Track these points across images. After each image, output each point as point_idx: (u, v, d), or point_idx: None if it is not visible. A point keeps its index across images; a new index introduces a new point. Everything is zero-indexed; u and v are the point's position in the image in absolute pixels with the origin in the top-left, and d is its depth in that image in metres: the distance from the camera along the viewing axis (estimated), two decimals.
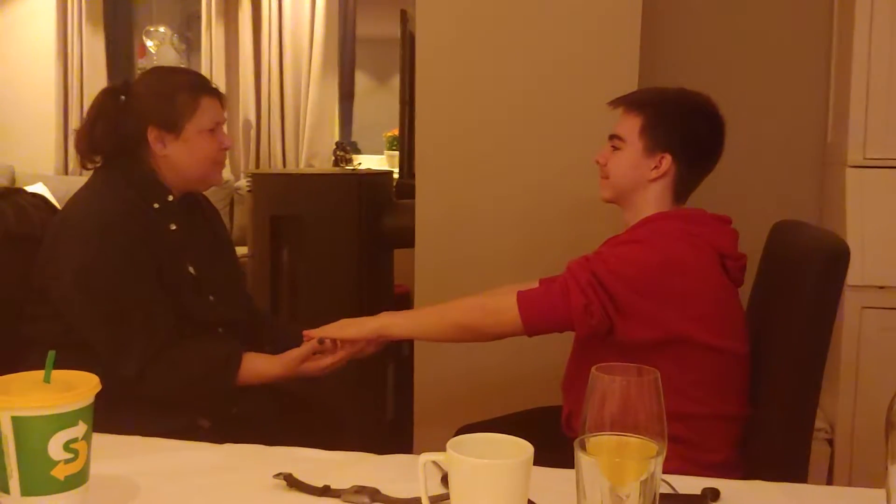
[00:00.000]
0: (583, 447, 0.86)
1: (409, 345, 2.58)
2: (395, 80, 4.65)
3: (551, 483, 1.06)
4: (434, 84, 2.45)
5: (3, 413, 0.95)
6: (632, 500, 0.84)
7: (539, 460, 0.95)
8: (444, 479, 1.08)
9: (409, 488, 1.08)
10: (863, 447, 2.54)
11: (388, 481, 1.13)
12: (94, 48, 5.83)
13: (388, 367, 3.20)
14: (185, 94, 1.78)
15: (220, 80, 5.51)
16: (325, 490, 1.11)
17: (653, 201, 1.70)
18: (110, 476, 1.15)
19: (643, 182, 1.70)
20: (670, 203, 1.71)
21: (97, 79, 5.71)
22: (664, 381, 0.88)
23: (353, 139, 5.93)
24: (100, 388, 1.02)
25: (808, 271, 1.54)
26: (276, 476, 1.14)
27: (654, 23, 2.64)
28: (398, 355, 3.11)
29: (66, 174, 5.78)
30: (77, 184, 1.86)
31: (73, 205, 1.78)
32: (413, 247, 2.52)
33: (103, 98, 1.81)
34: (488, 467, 0.92)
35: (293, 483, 1.13)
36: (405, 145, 3.61)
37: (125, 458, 1.23)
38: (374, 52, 5.90)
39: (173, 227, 1.81)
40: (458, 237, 2.48)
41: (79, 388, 1.00)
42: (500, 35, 2.41)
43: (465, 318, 1.72)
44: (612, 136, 1.73)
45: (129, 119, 1.77)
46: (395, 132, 5.02)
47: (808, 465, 1.59)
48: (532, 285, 1.71)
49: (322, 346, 1.79)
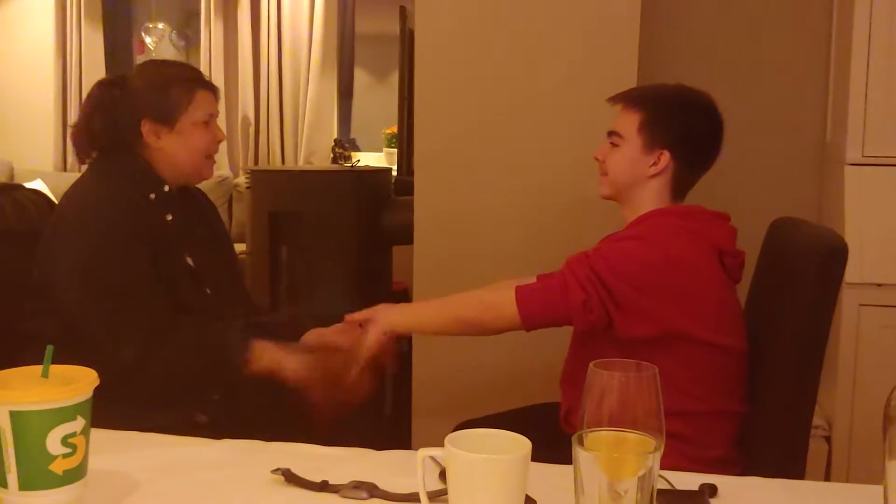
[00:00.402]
0: (581, 443, 0.86)
1: (408, 341, 2.58)
2: (394, 76, 4.65)
3: (549, 479, 1.06)
4: (433, 81, 2.45)
5: (2, 408, 0.95)
6: (630, 495, 0.84)
7: (537, 456, 0.96)
8: (443, 475, 1.08)
9: (407, 483, 1.08)
10: (860, 444, 2.55)
11: (386, 476, 1.13)
12: (92, 45, 5.82)
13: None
14: (179, 87, 1.79)
15: (218, 76, 5.51)
16: (323, 485, 1.11)
17: (651, 198, 1.70)
18: (108, 471, 1.15)
19: (642, 179, 1.70)
20: (669, 200, 1.71)
21: (96, 75, 5.68)
22: (662, 378, 0.88)
23: (351, 136, 5.93)
24: (98, 382, 1.02)
25: (806, 269, 1.54)
26: (274, 471, 1.14)
27: (654, 20, 2.64)
28: (397, 351, 3.11)
29: (65, 170, 5.79)
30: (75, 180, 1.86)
31: (70, 198, 1.78)
32: (412, 243, 2.52)
33: (99, 91, 1.81)
34: (486, 463, 0.92)
35: (291, 478, 1.13)
36: (404, 142, 3.61)
37: (123, 452, 1.23)
38: (373, 49, 5.91)
39: (169, 218, 1.81)
40: (457, 234, 2.47)
41: (77, 382, 0.99)
42: (499, 32, 2.40)
43: (463, 312, 1.72)
44: (611, 133, 1.73)
45: (124, 112, 1.78)
46: (394, 129, 5.02)
47: (806, 461, 1.59)
48: (530, 280, 1.71)
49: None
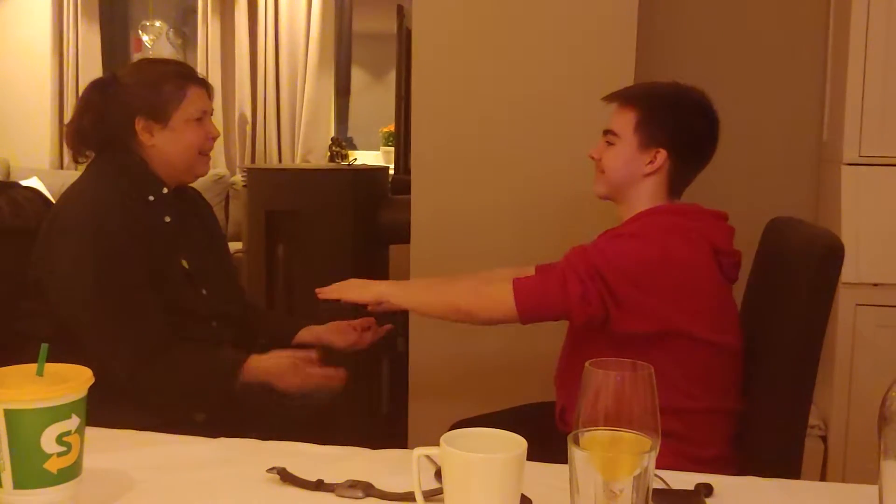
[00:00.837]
0: (576, 442, 0.86)
1: (404, 339, 2.59)
2: (392, 75, 4.64)
3: (545, 478, 1.06)
4: (430, 80, 2.45)
5: None
6: (625, 495, 0.84)
7: (532, 455, 0.96)
8: (438, 474, 1.08)
9: (402, 482, 1.08)
10: (856, 444, 2.55)
11: (381, 475, 1.13)
12: (89, 43, 5.81)
13: (383, 361, 3.20)
14: (171, 84, 1.78)
15: (215, 74, 5.50)
16: (318, 484, 1.11)
17: (647, 196, 1.70)
18: (103, 469, 1.14)
19: (638, 177, 1.70)
20: (665, 198, 1.71)
21: (93, 73, 5.68)
22: (658, 376, 0.88)
23: (348, 135, 5.92)
24: (93, 381, 1.01)
25: (802, 268, 1.54)
26: (270, 470, 1.14)
27: (651, 19, 2.64)
28: (393, 350, 3.11)
29: (62, 168, 5.78)
30: (72, 178, 1.86)
31: (67, 198, 1.77)
32: (409, 242, 2.52)
33: (91, 91, 1.80)
34: (482, 462, 0.92)
35: (287, 477, 1.13)
36: (401, 141, 3.61)
37: (118, 451, 1.23)
38: (371, 48, 5.90)
39: (167, 220, 1.80)
40: (454, 233, 2.47)
41: (72, 381, 0.99)
42: (496, 31, 2.40)
43: (460, 300, 1.72)
44: (607, 132, 1.73)
45: (117, 110, 1.77)
46: (391, 128, 5.02)
47: (802, 461, 1.59)
48: (528, 271, 1.71)
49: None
